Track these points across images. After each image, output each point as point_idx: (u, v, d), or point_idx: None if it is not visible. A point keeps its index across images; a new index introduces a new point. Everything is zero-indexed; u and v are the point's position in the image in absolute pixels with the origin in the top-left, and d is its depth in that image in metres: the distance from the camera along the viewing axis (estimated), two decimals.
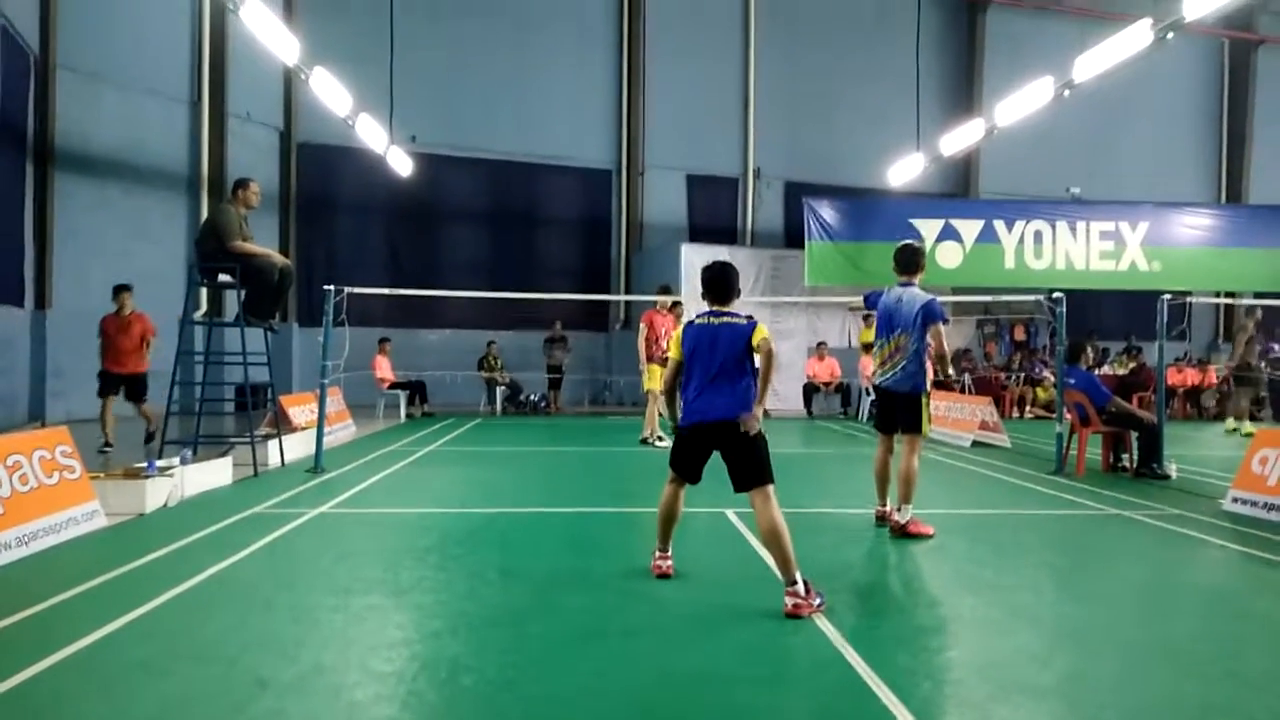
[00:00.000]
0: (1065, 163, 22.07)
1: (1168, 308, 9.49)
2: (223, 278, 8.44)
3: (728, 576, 4.88)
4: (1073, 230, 15.83)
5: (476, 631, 3.88)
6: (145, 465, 6.85)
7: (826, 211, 15.72)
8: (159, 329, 10.88)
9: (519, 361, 18.51)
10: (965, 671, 3.51)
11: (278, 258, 8.76)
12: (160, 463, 7.01)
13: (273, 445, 9.18)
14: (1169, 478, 8.66)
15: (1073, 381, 9.33)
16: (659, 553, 4.80)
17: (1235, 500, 7.01)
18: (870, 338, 7.29)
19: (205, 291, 14.20)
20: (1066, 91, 12.30)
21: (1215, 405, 15.75)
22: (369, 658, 3.53)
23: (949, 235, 15.63)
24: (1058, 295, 9.54)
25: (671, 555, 4.80)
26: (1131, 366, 17.35)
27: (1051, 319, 9.74)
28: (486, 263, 20.21)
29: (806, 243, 15.71)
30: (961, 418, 12.48)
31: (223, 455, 8.11)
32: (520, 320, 19.60)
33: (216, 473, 7.71)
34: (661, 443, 11.05)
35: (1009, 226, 15.77)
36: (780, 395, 17.05)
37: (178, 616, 4.06)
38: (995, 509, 7.37)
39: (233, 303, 9.65)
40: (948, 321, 6.06)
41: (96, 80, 14.90)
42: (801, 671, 3.52)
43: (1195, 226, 16.08)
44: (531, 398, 17.72)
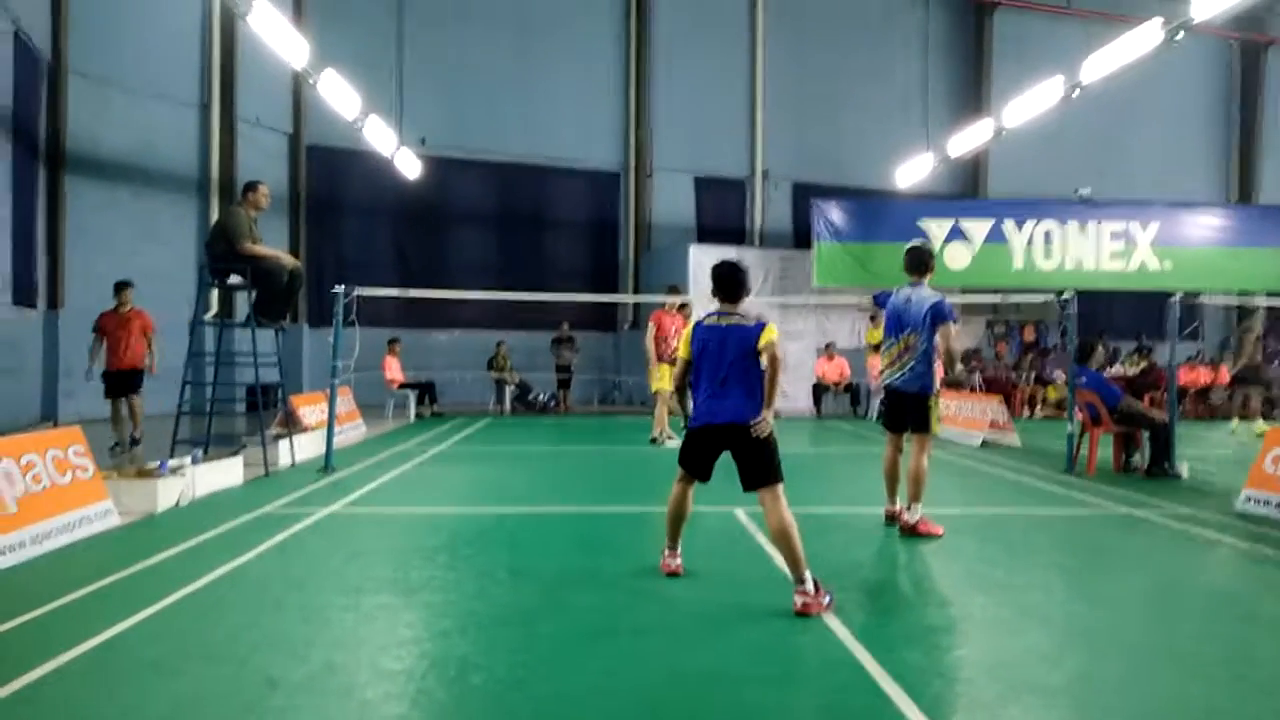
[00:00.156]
0: (1075, 163, 21.94)
1: (1179, 308, 9.44)
2: (233, 279, 8.47)
3: (737, 575, 4.88)
4: (1082, 230, 15.78)
5: (486, 630, 3.89)
6: (158, 465, 6.90)
7: (834, 212, 15.69)
8: (165, 329, 10.90)
9: (528, 362, 18.53)
10: (975, 671, 3.51)
11: (288, 259, 8.80)
12: (172, 462, 7.05)
13: (283, 445, 9.22)
14: (1181, 477, 8.63)
15: (1084, 381, 9.30)
16: (668, 551, 4.81)
17: (1248, 500, 6.97)
18: (878, 338, 7.33)
19: (216, 293, 14.26)
20: (1075, 92, 12.26)
21: (1224, 404, 15.73)
22: (379, 657, 3.55)
23: (958, 236, 15.60)
24: (1068, 295, 9.51)
25: (681, 554, 4.81)
26: (1142, 366, 17.27)
27: (1062, 319, 9.69)
28: (495, 264, 20.23)
29: (815, 243, 15.69)
30: (972, 417, 12.44)
31: (234, 455, 8.15)
32: (529, 321, 19.59)
33: (227, 472, 7.75)
34: (671, 441, 11.04)
35: (1018, 226, 15.73)
36: (789, 395, 17.02)
37: (189, 616, 4.08)
38: (1005, 508, 7.35)
39: (243, 304, 9.70)
40: (957, 321, 6.07)
41: (107, 85, 14.99)
42: (811, 670, 3.52)
43: (1206, 226, 16.01)
44: (540, 397, 17.75)
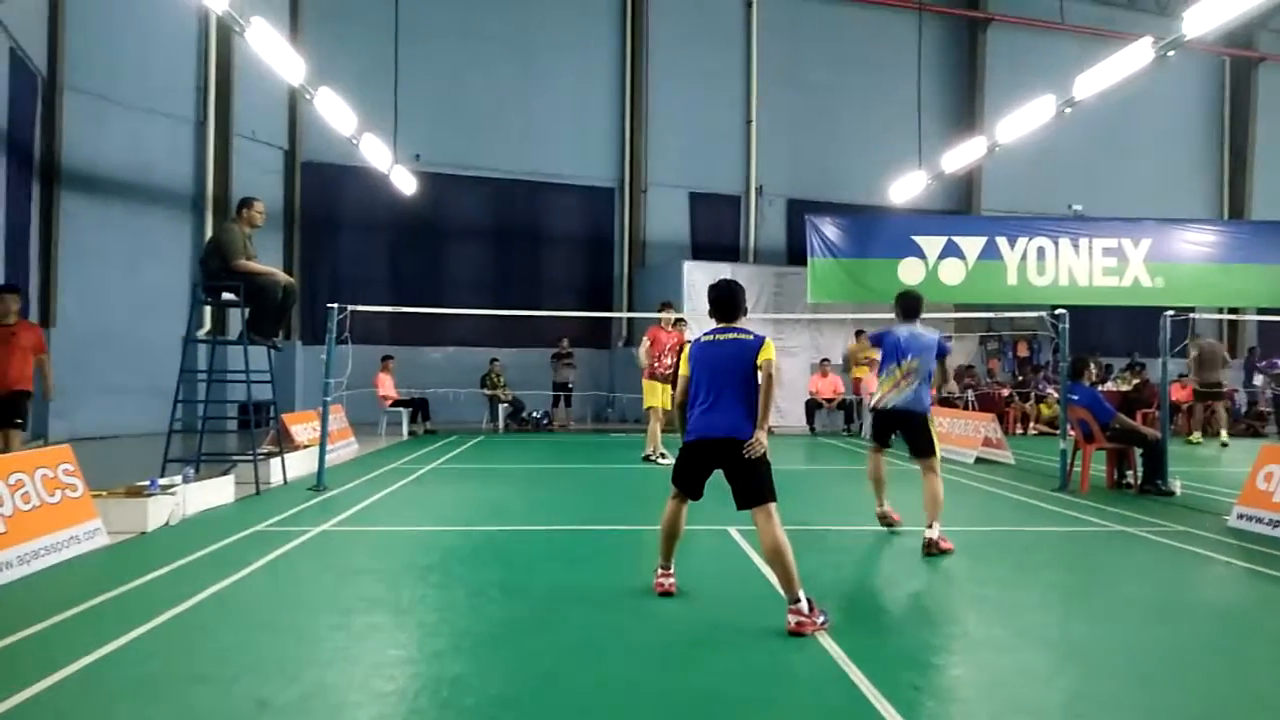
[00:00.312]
0: (1067, 179, 22.09)
1: (1171, 324, 9.48)
2: (227, 296, 8.46)
3: (730, 594, 4.86)
4: (1075, 247, 15.84)
5: (478, 650, 3.87)
6: (148, 483, 6.86)
7: (829, 228, 15.74)
8: (159, 346, 10.62)
9: (521, 379, 18.51)
10: (970, 690, 3.50)
11: (281, 276, 8.78)
12: (162, 481, 7.02)
13: (275, 463, 9.17)
14: (1173, 494, 8.63)
15: (1076, 398, 9.32)
16: (661, 570, 4.79)
17: (1240, 517, 6.98)
18: (858, 350, 7.84)
19: (209, 309, 14.25)
20: (1068, 109, 12.33)
21: (1186, 419, 15.94)
22: (371, 677, 3.52)
23: (951, 252, 15.64)
24: (1060, 311, 9.54)
25: (674, 572, 4.79)
26: (1135, 383, 17.31)
27: (1055, 335, 9.72)
28: (489, 280, 20.26)
29: (809, 259, 15.73)
30: (965, 434, 12.45)
31: (225, 473, 8.11)
32: (523, 338, 19.65)
33: (219, 491, 7.71)
34: (664, 460, 11.03)
35: (1011, 243, 15.78)
36: (783, 412, 17.02)
37: (179, 635, 4.05)
38: (999, 526, 7.35)
39: (236, 321, 9.67)
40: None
41: (103, 100, 15.00)
42: (805, 690, 3.50)
43: (1198, 243, 16.09)
44: (534, 415, 17.72)
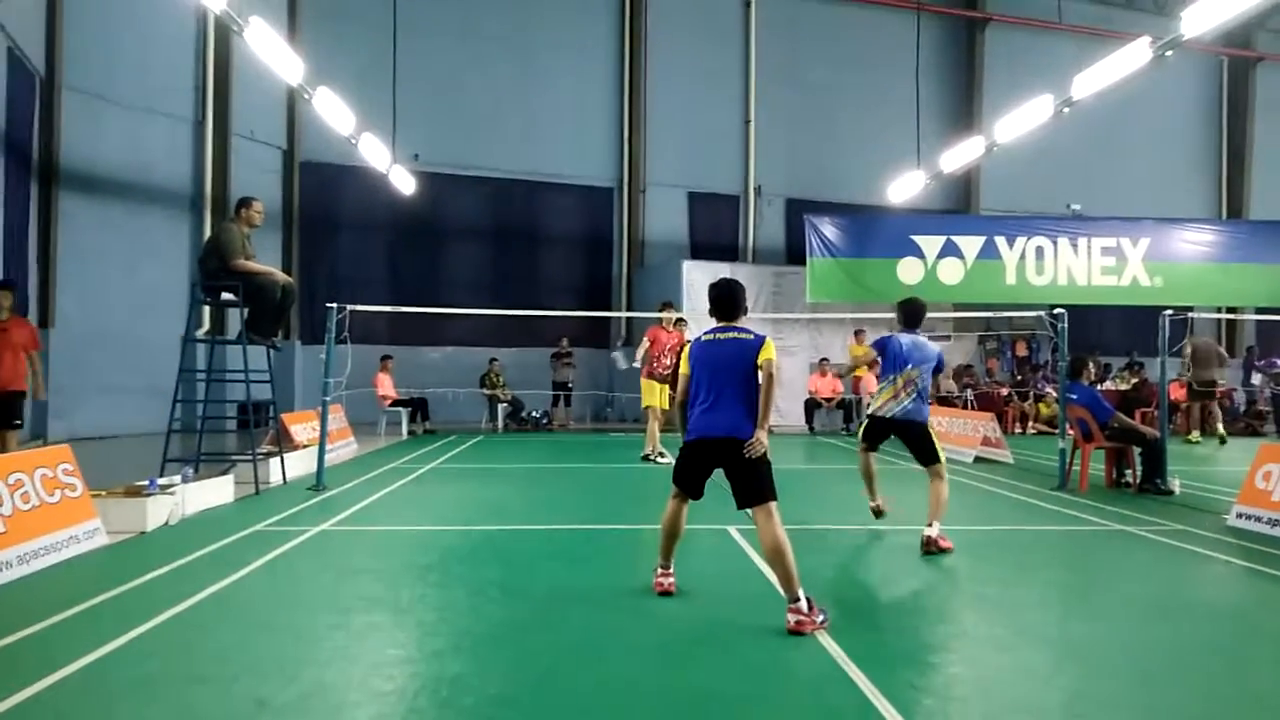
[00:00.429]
0: (1066, 179, 22.12)
1: (1169, 323, 9.48)
2: (226, 296, 8.46)
3: (730, 593, 4.86)
4: (1074, 246, 15.85)
5: (478, 649, 3.87)
6: (147, 483, 6.85)
7: (828, 228, 15.75)
8: (158, 345, 10.67)
9: (521, 379, 18.51)
10: (968, 689, 3.49)
11: (280, 276, 8.78)
12: (161, 481, 7.01)
13: (274, 463, 9.17)
14: (1172, 493, 8.64)
15: (1075, 397, 9.33)
16: (661, 569, 4.79)
17: (1239, 516, 6.99)
18: (860, 352, 7.74)
19: (208, 309, 14.24)
20: (1066, 109, 12.33)
21: (1184, 419, 15.97)
22: (370, 676, 3.52)
23: (950, 252, 15.65)
24: (1059, 311, 9.55)
25: (673, 572, 4.79)
26: (1134, 382, 17.33)
27: (1053, 335, 9.74)
28: (488, 280, 20.26)
29: (808, 259, 15.73)
30: (964, 433, 12.45)
31: (224, 473, 8.10)
32: (522, 337, 19.65)
33: (218, 490, 7.70)
34: (663, 459, 11.04)
35: (1010, 243, 15.79)
36: (782, 412, 17.02)
37: (178, 635, 4.05)
38: (998, 525, 7.35)
39: (235, 320, 9.66)
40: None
41: (101, 100, 14.99)
42: (804, 688, 3.50)
43: (1196, 242, 16.10)
44: (533, 415, 17.72)
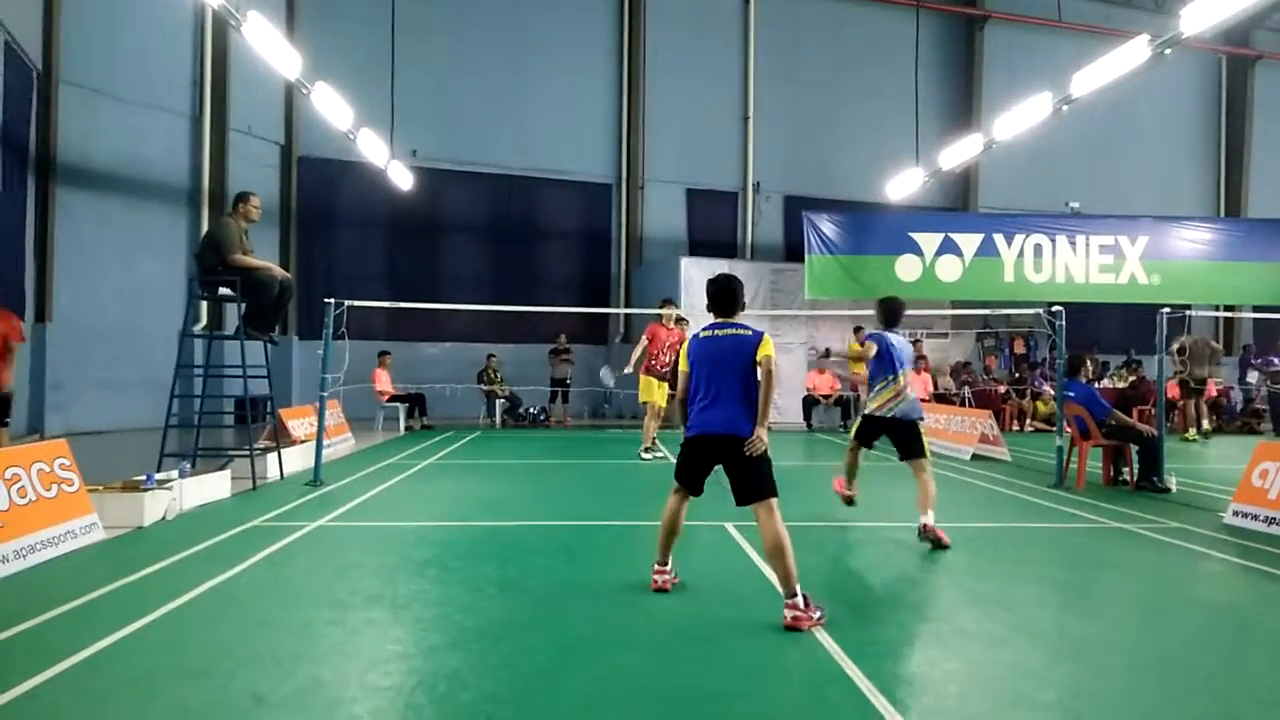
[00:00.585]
0: (1064, 177, 22.13)
1: (1167, 321, 9.49)
2: (223, 291, 8.44)
3: (727, 590, 4.86)
4: (1072, 244, 15.83)
5: (475, 645, 3.87)
6: (144, 478, 6.84)
7: (826, 225, 15.72)
8: (156, 340, 10.64)
9: (519, 374, 18.51)
10: (966, 686, 3.49)
11: (278, 271, 8.77)
12: (159, 475, 7.00)
13: (271, 458, 9.16)
14: (1169, 491, 8.65)
15: (1072, 395, 9.33)
16: (659, 566, 4.78)
17: (1236, 514, 7.00)
18: (864, 353, 7.68)
19: (205, 304, 14.21)
20: (1065, 106, 12.33)
21: (1181, 416, 16.01)
22: (367, 672, 3.52)
23: (949, 249, 15.63)
24: (1057, 309, 9.55)
25: (671, 569, 4.79)
26: (1131, 380, 17.34)
27: (1051, 332, 9.75)
28: (486, 276, 20.22)
29: (806, 256, 15.70)
30: (961, 430, 12.46)
31: (221, 468, 8.10)
32: (520, 333, 19.64)
33: (215, 486, 7.70)
34: (650, 455, 11.24)
35: (1008, 240, 15.77)
36: (780, 408, 17.03)
37: (175, 630, 4.04)
38: (996, 522, 7.35)
39: (233, 315, 9.65)
40: None
41: (98, 95, 14.94)
42: (801, 685, 3.50)
43: (1194, 240, 16.09)
44: (531, 411, 17.72)
